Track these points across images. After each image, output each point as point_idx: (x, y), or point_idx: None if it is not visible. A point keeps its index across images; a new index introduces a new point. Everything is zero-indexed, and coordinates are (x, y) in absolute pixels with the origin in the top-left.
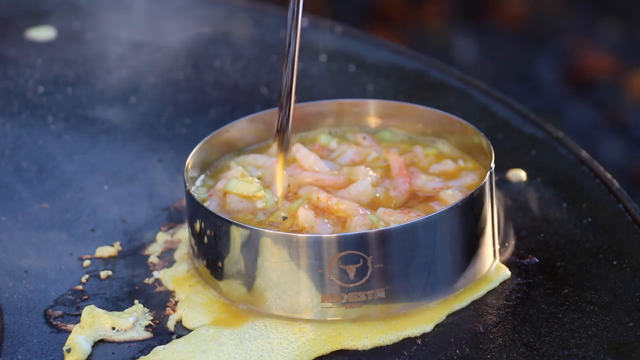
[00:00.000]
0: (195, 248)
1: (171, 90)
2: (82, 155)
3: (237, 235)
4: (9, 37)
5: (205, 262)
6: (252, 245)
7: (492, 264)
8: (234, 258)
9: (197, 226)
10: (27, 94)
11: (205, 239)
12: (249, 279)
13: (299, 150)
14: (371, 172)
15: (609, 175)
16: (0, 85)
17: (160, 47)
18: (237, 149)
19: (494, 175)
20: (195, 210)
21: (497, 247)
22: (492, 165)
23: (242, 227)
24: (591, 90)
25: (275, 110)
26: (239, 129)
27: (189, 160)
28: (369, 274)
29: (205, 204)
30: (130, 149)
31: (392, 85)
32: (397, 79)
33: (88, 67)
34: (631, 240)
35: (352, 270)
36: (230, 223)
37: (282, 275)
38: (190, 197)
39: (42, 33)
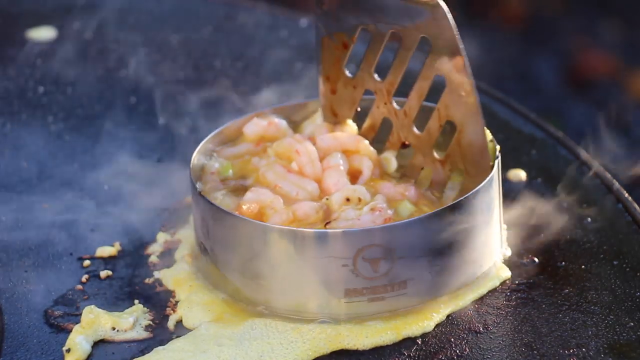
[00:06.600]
0: (201, 245)
1: (171, 90)
2: (82, 155)
3: (242, 231)
4: (9, 37)
5: (209, 259)
6: (256, 242)
7: (492, 264)
8: (238, 254)
9: (203, 223)
10: (27, 94)
11: (210, 235)
12: (252, 276)
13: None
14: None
15: (609, 175)
16: (0, 85)
17: (160, 47)
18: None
19: (495, 175)
20: (203, 207)
21: (498, 247)
22: (496, 164)
23: (248, 222)
24: (591, 90)
25: (274, 109)
26: (239, 128)
27: (195, 156)
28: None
29: None
30: (130, 149)
31: None
32: None
33: (88, 67)
34: (631, 240)
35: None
36: (236, 218)
37: (284, 274)
38: (196, 193)
39: (42, 33)
